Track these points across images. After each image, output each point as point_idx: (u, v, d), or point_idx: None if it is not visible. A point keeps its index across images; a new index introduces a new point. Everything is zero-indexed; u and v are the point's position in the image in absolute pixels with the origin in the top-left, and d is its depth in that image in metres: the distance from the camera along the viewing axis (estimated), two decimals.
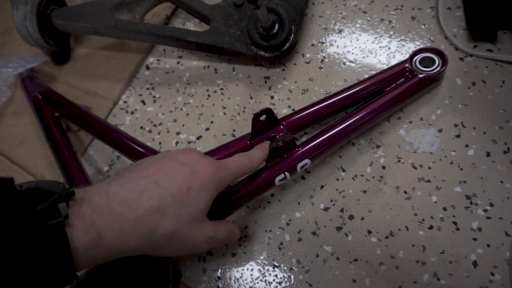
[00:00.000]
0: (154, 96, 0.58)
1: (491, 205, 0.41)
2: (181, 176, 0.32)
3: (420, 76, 0.45)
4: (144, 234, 0.30)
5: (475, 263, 0.39)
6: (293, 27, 0.50)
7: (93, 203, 0.28)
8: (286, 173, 0.41)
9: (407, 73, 0.46)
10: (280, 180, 0.41)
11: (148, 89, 0.59)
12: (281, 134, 0.38)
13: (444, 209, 0.42)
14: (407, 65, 0.46)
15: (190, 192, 0.32)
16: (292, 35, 0.50)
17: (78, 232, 0.26)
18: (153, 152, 0.48)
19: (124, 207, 0.29)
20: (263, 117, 0.41)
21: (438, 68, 0.45)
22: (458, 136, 0.45)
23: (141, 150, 0.48)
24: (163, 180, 0.31)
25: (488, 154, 0.43)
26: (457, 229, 0.41)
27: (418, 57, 0.47)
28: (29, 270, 0.23)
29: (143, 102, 0.58)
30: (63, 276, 0.25)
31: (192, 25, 0.63)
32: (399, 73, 0.46)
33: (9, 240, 0.23)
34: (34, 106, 0.56)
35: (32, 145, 0.58)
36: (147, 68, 0.61)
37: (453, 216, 0.41)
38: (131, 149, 0.48)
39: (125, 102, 0.59)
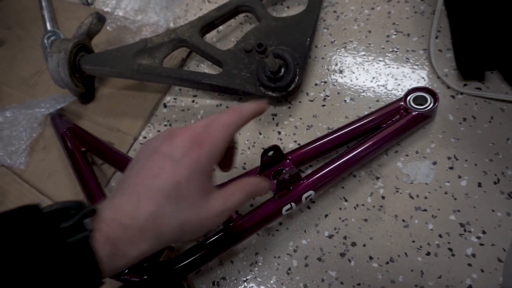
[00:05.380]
0: None
1: (484, 232, 0.44)
2: (167, 173, 0.33)
3: (414, 113, 0.49)
4: (153, 239, 0.32)
5: (470, 287, 0.42)
6: (297, 70, 0.55)
7: (105, 218, 0.31)
8: (292, 204, 0.45)
9: (402, 111, 0.50)
10: (286, 210, 0.45)
11: (166, 125, 0.64)
12: (287, 169, 0.42)
13: (440, 236, 0.45)
14: (401, 103, 0.51)
15: (180, 185, 0.32)
16: (297, 77, 0.55)
17: (99, 244, 0.29)
18: None
19: (128, 219, 0.31)
20: (271, 153, 0.45)
21: (430, 106, 0.50)
22: (451, 168, 0.48)
23: None
24: (152, 183, 0.32)
25: (479, 185, 0.47)
26: (453, 255, 0.44)
27: (411, 96, 0.51)
28: (62, 279, 0.26)
29: None
30: (92, 282, 0.29)
31: (206, 66, 0.68)
32: (394, 110, 0.51)
33: (44, 254, 0.26)
34: (62, 142, 0.61)
35: (59, 177, 0.63)
36: (165, 106, 0.66)
37: (449, 242, 0.44)
38: None
39: (144, 137, 0.64)
